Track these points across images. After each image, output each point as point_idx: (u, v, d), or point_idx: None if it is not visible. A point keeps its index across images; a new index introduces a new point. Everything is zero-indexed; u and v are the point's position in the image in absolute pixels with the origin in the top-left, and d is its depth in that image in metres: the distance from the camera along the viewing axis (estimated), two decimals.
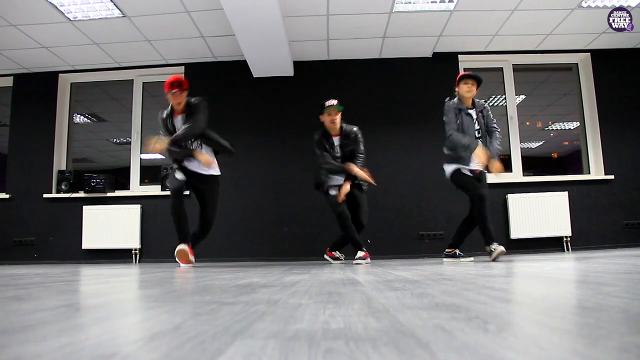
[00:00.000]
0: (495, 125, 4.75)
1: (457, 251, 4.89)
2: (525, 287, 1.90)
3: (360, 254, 4.83)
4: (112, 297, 1.74)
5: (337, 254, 5.42)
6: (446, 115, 4.63)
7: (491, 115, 4.77)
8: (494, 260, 4.34)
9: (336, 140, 5.10)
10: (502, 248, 4.39)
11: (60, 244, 6.79)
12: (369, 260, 4.85)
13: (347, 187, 4.93)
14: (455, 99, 4.67)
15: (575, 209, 6.42)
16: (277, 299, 1.47)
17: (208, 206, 5.03)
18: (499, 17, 6.04)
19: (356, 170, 4.93)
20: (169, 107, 4.87)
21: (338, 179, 5.06)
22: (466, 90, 4.61)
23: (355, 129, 5.11)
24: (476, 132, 4.63)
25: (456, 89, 4.69)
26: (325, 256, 5.47)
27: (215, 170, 5.01)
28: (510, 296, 1.53)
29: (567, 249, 6.32)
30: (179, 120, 4.86)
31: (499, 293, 1.55)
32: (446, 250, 4.96)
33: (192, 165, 4.90)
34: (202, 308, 1.28)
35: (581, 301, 1.31)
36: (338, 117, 5.02)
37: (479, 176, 4.64)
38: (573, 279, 2.16)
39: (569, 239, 6.36)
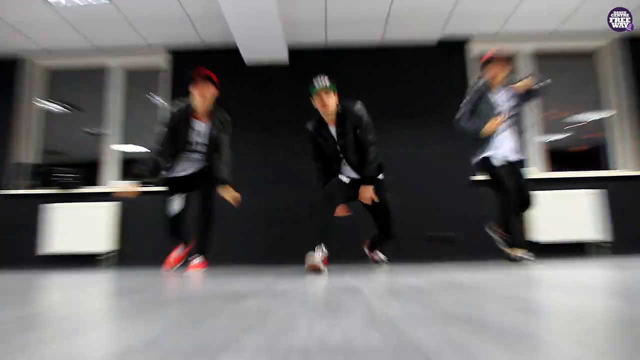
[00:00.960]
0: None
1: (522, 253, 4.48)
2: (550, 296, 1.87)
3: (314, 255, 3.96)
4: (78, 307, 1.71)
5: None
6: (467, 95, 4.64)
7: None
8: (516, 261, 4.34)
9: (333, 130, 4.34)
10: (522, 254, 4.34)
11: (16, 246, 6.62)
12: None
13: (368, 193, 4.34)
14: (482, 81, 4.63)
15: (603, 209, 6.32)
16: (268, 309, 1.44)
17: (205, 195, 4.67)
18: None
19: (368, 194, 4.34)
20: (189, 105, 4.59)
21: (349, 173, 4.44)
22: (492, 75, 4.56)
23: (356, 106, 4.32)
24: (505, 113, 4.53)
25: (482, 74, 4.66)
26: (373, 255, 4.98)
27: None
28: (531, 307, 1.50)
29: (598, 255, 6.25)
30: (199, 129, 4.60)
31: (519, 303, 1.53)
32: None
33: (184, 168, 4.69)
34: (182, 319, 1.25)
35: (617, 314, 1.28)
36: (331, 100, 4.22)
37: (511, 167, 4.51)
38: (606, 288, 2.13)
39: (601, 243, 6.28)
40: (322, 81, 4.24)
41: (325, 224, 4.14)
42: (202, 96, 4.50)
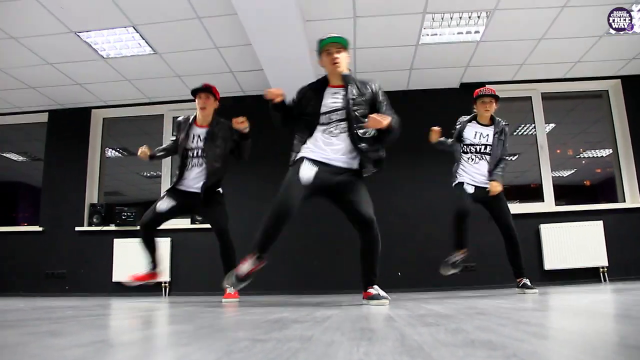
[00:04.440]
0: (506, 157, 4.71)
1: (525, 280, 4.49)
2: (563, 321, 1.85)
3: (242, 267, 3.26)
4: (144, 332, 1.75)
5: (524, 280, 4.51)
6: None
7: (507, 145, 4.71)
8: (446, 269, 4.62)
9: (339, 97, 3.37)
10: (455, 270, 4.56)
11: (91, 276, 6.88)
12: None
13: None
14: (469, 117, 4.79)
15: (611, 238, 6.24)
16: (310, 335, 1.46)
17: (216, 217, 4.50)
18: (526, 46, 6.05)
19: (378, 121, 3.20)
20: (193, 116, 4.60)
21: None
22: (484, 109, 4.65)
23: (376, 82, 3.50)
24: (482, 147, 4.63)
25: (474, 108, 4.76)
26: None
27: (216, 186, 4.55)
28: (547, 332, 1.50)
29: (604, 280, 6.15)
30: (199, 133, 4.52)
31: (536, 329, 1.52)
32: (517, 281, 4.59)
33: (189, 184, 4.50)
34: (235, 345, 1.28)
35: (624, 338, 1.27)
36: (343, 56, 3.40)
37: (486, 196, 4.55)
38: (613, 312, 2.10)
39: (605, 269, 6.17)
40: (334, 34, 3.41)
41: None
42: (203, 106, 4.47)
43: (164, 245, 6.64)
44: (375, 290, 3.28)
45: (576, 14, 5.33)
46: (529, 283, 4.46)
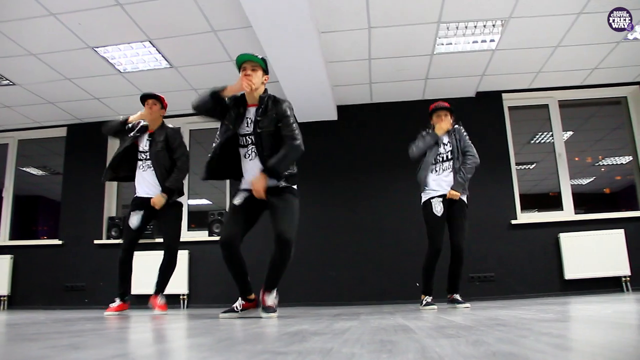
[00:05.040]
0: (469, 150, 4.61)
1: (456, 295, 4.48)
2: (585, 333, 1.83)
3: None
4: (164, 345, 1.76)
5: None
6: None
7: (466, 138, 4.65)
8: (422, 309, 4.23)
9: (251, 112, 3.48)
10: (434, 306, 4.28)
11: (109, 289, 6.90)
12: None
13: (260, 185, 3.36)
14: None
15: (633, 246, 6.14)
16: (330, 348, 1.46)
17: (168, 232, 4.56)
18: (542, 54, 6.02)
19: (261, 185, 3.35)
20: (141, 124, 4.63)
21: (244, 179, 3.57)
22: (438, 122, 4.65)
23: (286, 101, 3.51)
24: (445, 156, 4.59)
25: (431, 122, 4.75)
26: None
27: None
28: (570, 344, 1.48)
29: (627, 290, 6.05)
30: (143, 140, 4.58)
31: (558, 340, 1.50)
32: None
33: (142, 190, 4.55)
34: (255, 358, 1.28)
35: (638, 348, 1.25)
36: (257, 75, 3.43)
37: (450, 209, 4.51)
38: (637, 323, 2.07)
39: (628, 278, 6.07)
40: (250, 53, 3.48)
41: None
42: (149, 115, 4.54)
43: (182, 258, 6.66)
44: (269, 298, 3.52)
45: (593, 20, 5.29)
46: (460, 298, 4.44)
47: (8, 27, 5.11)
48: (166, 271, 4.56)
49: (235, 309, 3.57)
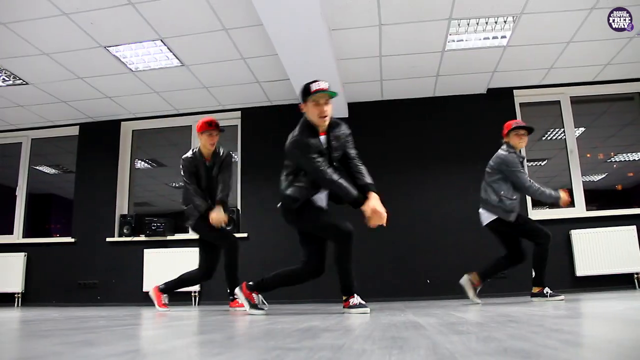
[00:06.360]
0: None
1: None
2: (596, 329, 1.82)
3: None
4: (176, 342, 1.78)
5: None
6: (514, 166, 4.52)
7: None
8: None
9: (323, 140, 3.70)
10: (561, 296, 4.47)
11: (122, 286, 6.97)
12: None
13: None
14: (506, 147, 4.66)
15: None
16: (341, 344, 1.47)
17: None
18: (554, 50, 5.97)
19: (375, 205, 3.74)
20: (197, 150, 4.75)
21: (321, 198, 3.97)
22: (519, 141, 4.62)
23: (343, 124, 3.79)
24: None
25: (505, 139, 4.70)
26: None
27: None
28: (581, 340, 1.47)
29: (639, 286, 6.00)
30: (209, 169, 4.77)
31: (569, 336, 1.50)
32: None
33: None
34: (267, 354, 1.29)
35: None
36: (329, 109, 3.60)
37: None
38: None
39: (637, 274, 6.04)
40: (324, 87, 3.51)
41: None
42: (211, 146, 4.68)
43: (193, 256, 6.69)
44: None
45: (605, 16, 5.23)
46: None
47: (21, 27, 5.15)
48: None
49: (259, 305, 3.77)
